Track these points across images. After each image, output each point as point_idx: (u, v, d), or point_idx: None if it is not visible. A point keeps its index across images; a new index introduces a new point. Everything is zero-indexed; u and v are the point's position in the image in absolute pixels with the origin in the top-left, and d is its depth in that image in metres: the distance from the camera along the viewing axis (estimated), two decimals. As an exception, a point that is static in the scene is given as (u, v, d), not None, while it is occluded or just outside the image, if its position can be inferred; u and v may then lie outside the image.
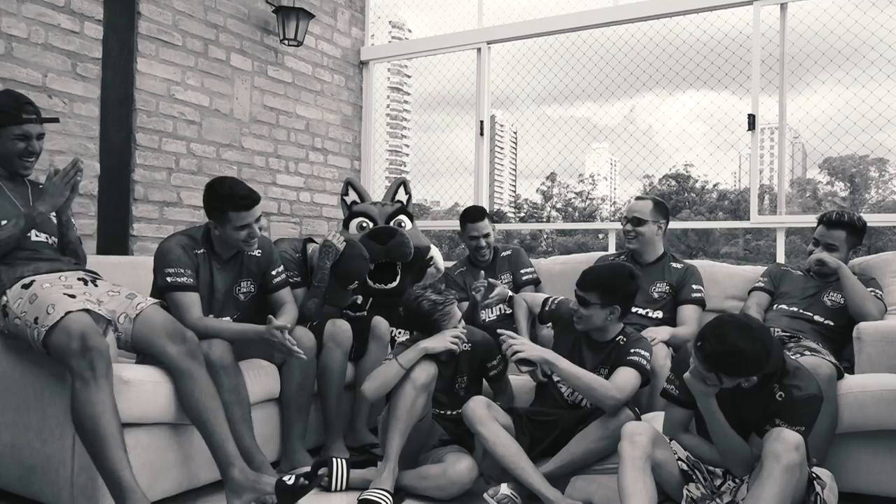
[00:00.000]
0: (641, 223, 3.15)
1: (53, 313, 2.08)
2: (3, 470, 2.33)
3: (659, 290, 3.10)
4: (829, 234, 2.91)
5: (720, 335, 1.86)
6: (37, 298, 2.15)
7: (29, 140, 2.35)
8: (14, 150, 2.34)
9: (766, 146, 18.68)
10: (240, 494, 2.24)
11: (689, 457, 2.15)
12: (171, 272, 2.53)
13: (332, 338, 2.91)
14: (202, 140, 3.97)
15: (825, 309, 2.87)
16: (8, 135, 2.32)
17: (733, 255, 21.87)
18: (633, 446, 2.02)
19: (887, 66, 3.83)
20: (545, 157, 5.88)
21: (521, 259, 3.61)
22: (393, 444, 2.46)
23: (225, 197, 2.56)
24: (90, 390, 2.02)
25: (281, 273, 2.87)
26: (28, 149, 2.36)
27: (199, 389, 2.29)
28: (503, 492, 2.39)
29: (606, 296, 2.51)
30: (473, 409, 2.51)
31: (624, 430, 2.09)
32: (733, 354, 1.85)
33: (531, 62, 4.97)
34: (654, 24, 4.37)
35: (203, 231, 2.69)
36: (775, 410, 1.96)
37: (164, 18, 3.75)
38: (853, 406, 2.42)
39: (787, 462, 1.83)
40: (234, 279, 2.75)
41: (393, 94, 22.96)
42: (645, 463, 2.01)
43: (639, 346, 2.52)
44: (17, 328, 2.18)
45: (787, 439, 1.86)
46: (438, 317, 2.61)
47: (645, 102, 5.34)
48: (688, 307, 3.07)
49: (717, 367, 1.88)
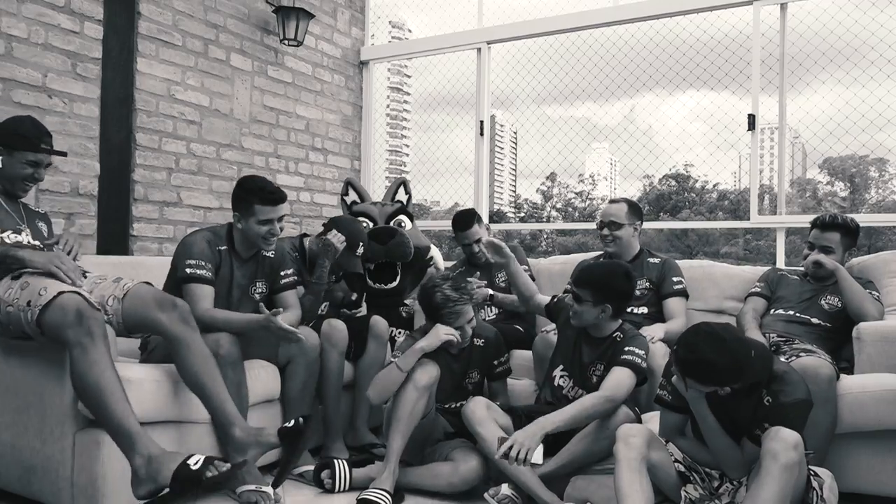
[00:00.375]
0: (618, 226, 3.18)
1: (46, 294, 2.11)
2: (3, 470, 2.33)
3: (640, 286, 3.08)
4: (824, 237, 2.92)
5: (692, 344, 1.92)
6: (28, 285, 2.18)
7: (38, 168, 2.46)
8: (21, 173, 2.43)
9: (766, 146, 18.68)
10: (245, 451, 2.27)
11: (687, 458, 2.15)
12: (192, 263, 2.59)
13: (327, 339, 2.92)
14: (202, 140, 3.97)
15: (822, 312, 2.86)
16: (21, 158, 2.42)
17: (733, 255, 21.86)
18: (627, 447, 2.03)
19: (887, 66, 3.83)
20: (545, 157, 5.88)
21: (518, 256, 3.60)
22: (394, 444, 2.48)
23: (254, 190, 2.66)
24: (88, 354, 2.03)
25: (290, 275, 2.90)
26: (34, 175, 2.46)
27: (194, 354, 2.31)
28: (504, 492, 2.40)
29: (599, 294, 2.52)
30: (473, 410, 2.52)
31: (619, 432, 2.09)
32: (702, 363, 1.90)
33: (531, 62, 4.97)
34: (654, 24, 4.37)
35: (226, 229, 2.77)
36: (764, 415, 1.97)
37: (164, 18, 3.75)
38: (853, 406, 2.42)
39: (786, 461, 1.83)
40: (251, 278, 2.80)
41: (393, 94, 22.96)
42: (640, 464, 2.01)
43: (633, 345, 2.52)
44: (9, 316, 2.19)
45: (786, 438, 1.86)
46: (446, 312, 2.65)
47: (645, 102, 5.36)
48: (673, 300, 3.09)
49: (687, 374, 1.95)
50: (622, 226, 3.17)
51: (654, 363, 2.71)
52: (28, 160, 2.42)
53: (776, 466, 1.83)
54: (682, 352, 1.94)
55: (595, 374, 2.61)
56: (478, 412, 2.51)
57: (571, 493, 2.38)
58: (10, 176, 2.43)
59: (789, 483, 1.85)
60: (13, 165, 2.42)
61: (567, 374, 2.69)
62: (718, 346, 1.88)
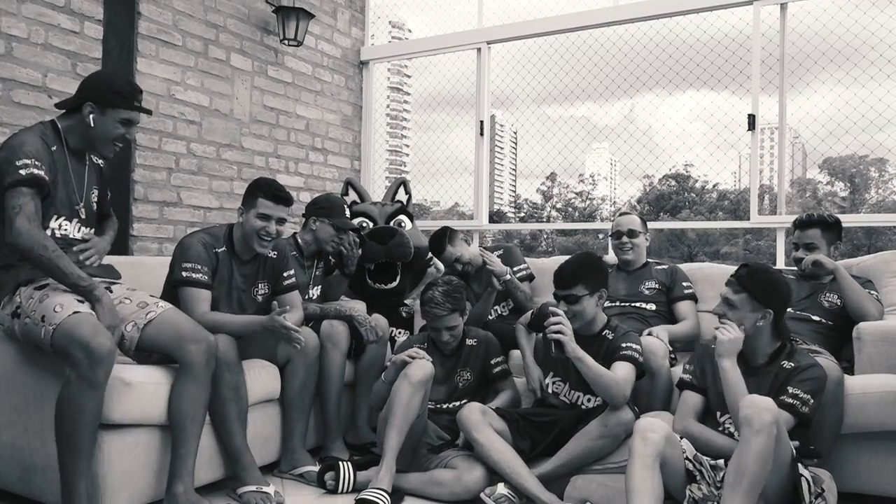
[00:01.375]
0: (637, 235, 3.32)
1: (61, 311, 2.09)
2: (3, 470, 2.33)
3: (650, 286, 3.26)
4: (805, 235, 2.97)
5: (762, 265, 2.34)
6: (47, 298, 2.16)
7: (129, 127, 2.33)
8: (114, 133, 2.29)
9: (766, 146, 18.68)
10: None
11: (697, 455, 2.14)
12: (187, 267, 2.57)
13: (328, 339, 2.92)
14: (202, 140, 3.97)
15: (823, 310, 2.87)
16: (114, 116, 2.28)
17: (733, 255, 21.86)
18: (644, 443, 2.01)
19: (887, 66, 3.83)
20: (545, 157, 5.88)
21: (514, 257, 3.60)
22: (390, 442, 2.46)
23: (262, 185, 2.70)
24: (83, 394, 2.01)
25: (292, 276, 2.89)
26: (125, 136, 2.32)
27: (196, 390, 2.28)
28: (500, 491, 2.39)
29: (590, 283, 2.56)
30: (468, 416, 2.52)
31: (637, 426, 2.07)
32: (766, 273, 2.26)
33: (531, 62, 4.97)
34: (654, 24, 4.37)
35: (225, 231, 2.75)
36: (785, 378, 2.15)
37: (164, 18, 3.75)
38: (854, 407, 2.41)
39: (759, 425, 1.88)
40: (252, 280, 2.79)
41: (393, 94, 22.98)
42: (655, 461, 2.00)
43: (629, 340, 2.53)
44: (26, 328, 2.17)
45: (756, 403, 1.93)
46: (425, 310, 2.80)
47: (645, 102, 5.35)
48: (683, 304, 3.22)
49: (750, 283, 2.20)
50: (639, 234, 3.32)
51: (654, 363, 2.71)
52: (121, 118, 2.27)
53: (751, 431, 1.89)
54: (752, 266, 2.27)
55: None
56: (473, 417, 2.50)
57: (571, 492, 2.37)
58: (101, 136, 2.28)
59: (768, 446, 1.88)
60: (105, 125, 2.27)
61: (560, 379, 2.69)
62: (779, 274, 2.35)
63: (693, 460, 2.13)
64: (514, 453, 2.46)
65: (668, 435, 2.09)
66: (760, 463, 1.87)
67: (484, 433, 2.47)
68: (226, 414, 2.43)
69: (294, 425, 2.78)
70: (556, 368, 2.69)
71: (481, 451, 2.46)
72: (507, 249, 3.66)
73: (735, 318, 2.22)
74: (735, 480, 1.89)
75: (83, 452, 2.04)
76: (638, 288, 3.25)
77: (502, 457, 2.43)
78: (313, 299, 3.25)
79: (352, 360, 3.15)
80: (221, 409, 2.43)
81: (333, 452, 2.90)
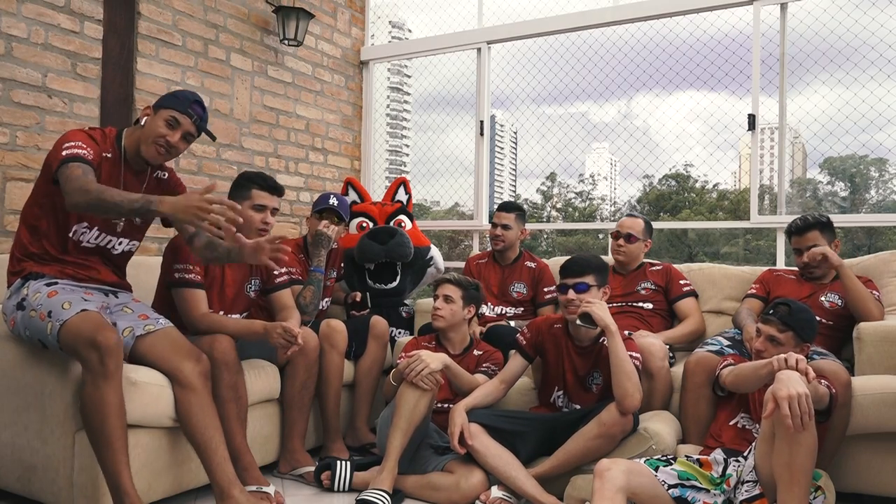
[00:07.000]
0: (634, 240, 3.34)
1: (69, 308, 2.10)
2: (3, 470, 2.33)
3: (645, 286, 3.29)
4: (806, 238, 2.94)
5: (797, 303, 2.38)
6: (55, 295, 2.17)
7: (174, 129, 2.31)
8: (156, 131, 2.29)
9: (766, 146, 18.69)
10: None
11: (682, 483, 2.11)
12: (179, 268, 2.58)
13: (326, 339, 2.92)
14: (202, 140, 3.97)
15: (824, 310, 2.86)
16: (163, 115, 2.29)
17: (733, 255, 21.83)
18: (602, 481, 2.01)
19: (887, 66, 3.83)
20: (545, 157, 5.87)
21: (546, 277, 3.59)
22: (394, 443, 2.46)
23: (253, 177, 2.73)
24: (100, 388, 2.02)
25: (282, 273, 2.87)
26: (167, 138, 2.29)
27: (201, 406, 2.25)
28: (494, 494, 2.39)
29: (598, 276, 2.61)
30: (460, 425, 2.50)
31: (596, 468, 2.06)
32: (805, 311, 2.33)
33: (531, 62, 4.97)
34: (654, 24, 4.37)
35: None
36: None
37: (164, 18, 3.75)
38: (855, 408, 2.41)
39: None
40: (244, 277, 2.78)
41: (393, 94, 22.93)
42: (615, 494, 1.99)
43: (629, 348, 2.52)
44: (31, 321, 2.17)
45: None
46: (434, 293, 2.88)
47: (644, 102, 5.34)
48: (684, 302, 3.26)
49: (794, 322, 2.28)
50: (637, 240, 3.34)
51: (653, 364, 2.72)
52: (168, 117, 2.29)
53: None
54: (792, 305, 2.33)
55: (594, 384, 2.61)
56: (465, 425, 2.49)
57: (571, 493, 2.37)
58: (147, 135, 2.30)
59: (815, 436, 1.89)
60: (154, 122, 2.30)
61: (564, 392, 2.69)
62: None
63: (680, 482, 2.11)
64: (511, 456, 2.45)
65: (629, 468, 2.07)
66: (812, 456, 1.90)
67: (479, 439, 2.46)
68: (225, 414, 2.43)
69: (294, 425, 2.79)
70: (559, 383, 2.69)
71: (477, 457, 2.46)
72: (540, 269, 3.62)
73: (777, 353, 2.21)
74: (791, 479, 1.88)
75: (117, 444, 2.03)
76: (634, 288, 3.29)
77: (498, 461, 2.43)
78: (324, 310, 3.27)
79: (351, 361, 3.15)
80: (221, 409, 2.42)
81: (333, 453, 2.90)
